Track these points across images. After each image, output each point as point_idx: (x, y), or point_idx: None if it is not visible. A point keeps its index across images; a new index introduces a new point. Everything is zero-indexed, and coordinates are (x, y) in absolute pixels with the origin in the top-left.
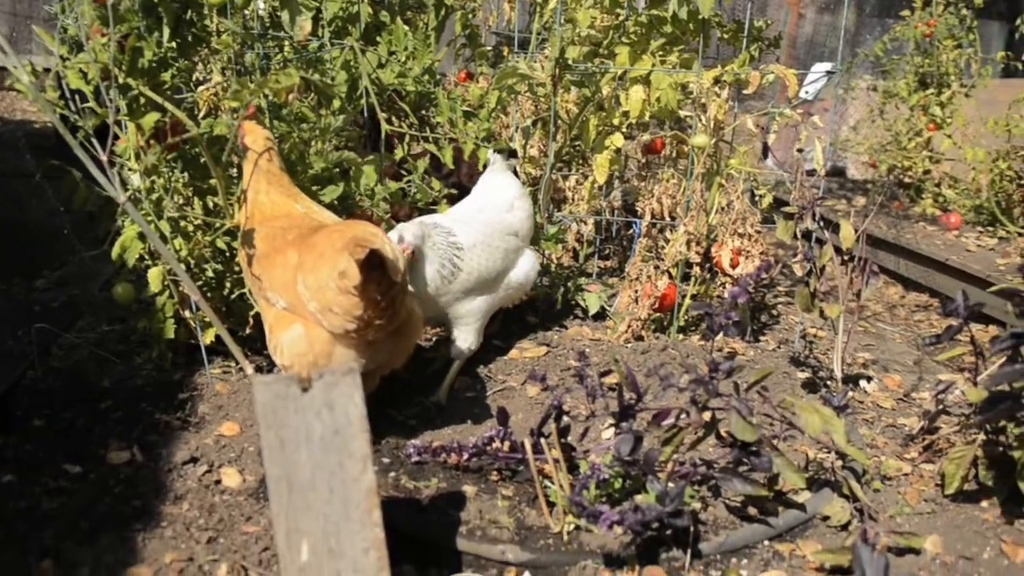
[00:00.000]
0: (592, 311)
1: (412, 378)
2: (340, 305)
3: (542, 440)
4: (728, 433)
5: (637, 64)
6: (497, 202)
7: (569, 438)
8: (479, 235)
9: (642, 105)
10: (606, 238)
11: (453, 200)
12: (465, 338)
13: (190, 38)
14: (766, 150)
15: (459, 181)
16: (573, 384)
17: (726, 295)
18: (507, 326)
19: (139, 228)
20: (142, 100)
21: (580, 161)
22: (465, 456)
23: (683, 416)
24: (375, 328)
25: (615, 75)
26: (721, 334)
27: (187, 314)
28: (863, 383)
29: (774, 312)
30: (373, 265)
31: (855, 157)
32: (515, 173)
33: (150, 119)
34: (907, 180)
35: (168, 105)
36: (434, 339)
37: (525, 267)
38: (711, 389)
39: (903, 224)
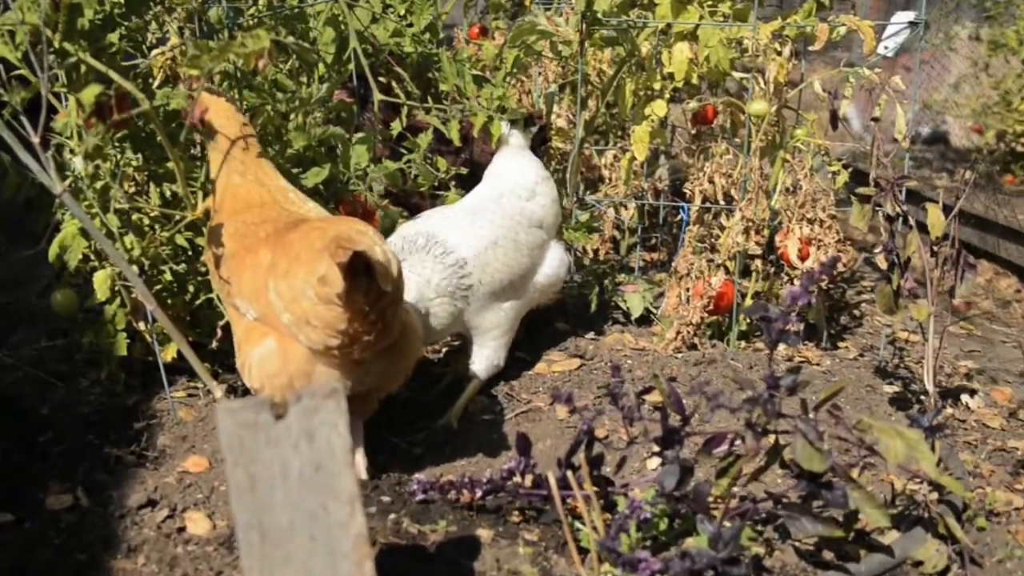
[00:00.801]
0: (635, 314)
1: (417, 397)
2: (320, 317)
3: (572, 473)
4: (795, 462)
5: (681, 16)
6: (516, 188)
7: (604, 469)
8: (501, 230)
9: (688, 66)
10: (650, 225)
11: (464, 182)
12: (488, 354)
13: None
14: (835, 119)
15: (470, 159)
16: (608, 404)
17: (784, 295)
18: (533, 335)
19: (81, 223)
20: (83, 68)
21: (618, 133)
22: (480, 493)
23: (740, 442)
24: (363, 345)
25: (655, 30)
26: (785, 342)
27: (142, 326)
28: (965, 398)
29: (856, 312)
30: (359, 270)
31: (958, 121)
32: (542, 143)
33: (91, 91)
34: (1020, 148)
35: (114, 74)
36: (444, 351)
37: (553, 263)
38: (770, 409)
39: (1017, 203)
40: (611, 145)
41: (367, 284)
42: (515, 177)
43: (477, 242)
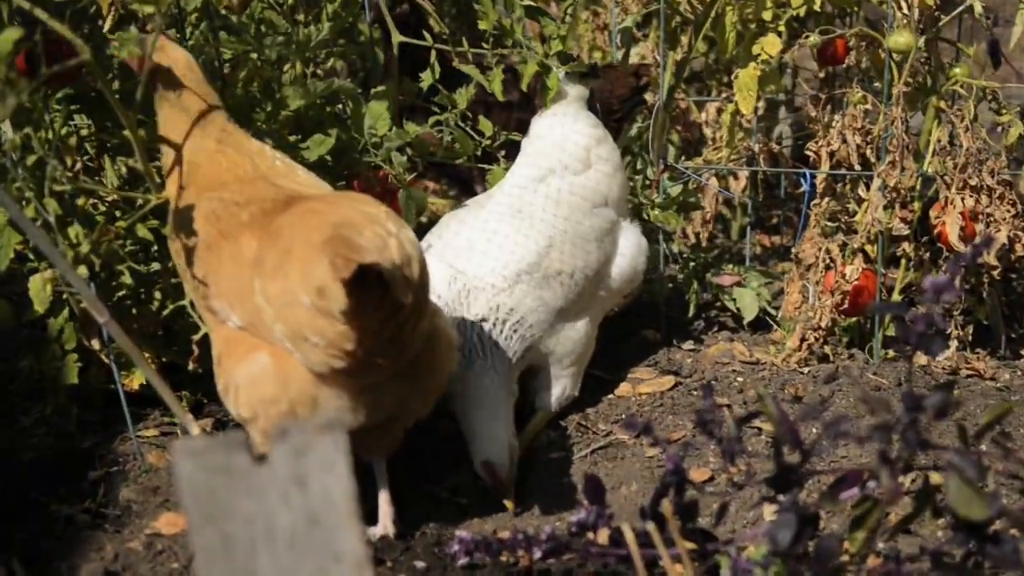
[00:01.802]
0: (747, 316)
1: (459, 428)
2: (320, 333)
3: (657, 526)
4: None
5: None
6: (564, 159)
7: (701, 520)
8: (555, 226)
9: None
10: (766, 199)
11: (515, 151)
12: (556, 384)
13: None
14: (996, 52)
15: (525, 119)
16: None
17: (926, 287)
18: (614, 346)
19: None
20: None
21: (722, 79)
22: (540, 554)
23: (875, 482)
24: (377, 367)
25: None
26: (926, 351)
27: (97, 345)
28: None
29: None
30: (370, 279)
31: None
32: (592, 100)
33: (8, 36)
34: None
35: (40, 12)
36: None
37: (627, 252)
38: (911, 438)
39: None
40: (714, 95)
41: (380, 296)
42: (561, 144)
43: (525, 255)
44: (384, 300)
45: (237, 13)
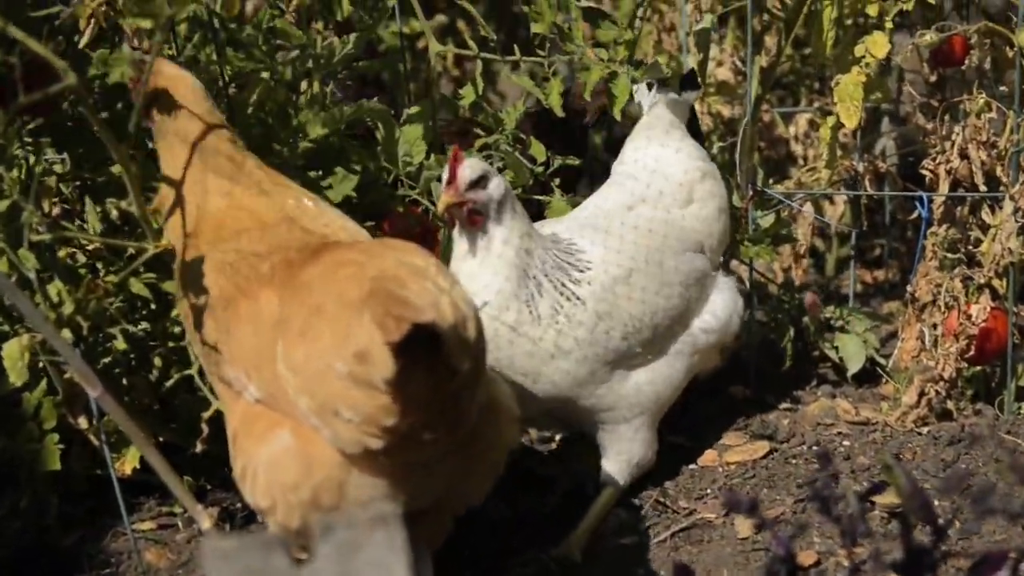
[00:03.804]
0: (852, 367)
1: (517, 511)
2: (355, 407)
3: None
4: None
5: None
6: (661, 190)
7: None
8: (633, 255)
9: None
10: (869, 227)
11: (572, 183)
12: (627, 449)
13: None
14: None
15: (580, 138)
16: (816, 513)
17: None
18: (696, 406)
19: None
20: None
21: (812, 87)
22: None
23: None
24: (423, 445)
25: None
26: None
27: (83, 423)
28: None
29: None
30: (420, 341)
31: None
32: (693, 121)
33: None
34: None
35: (15, 30)
36: (557, 437)
37: (718, 309)
38: None
39: None
40: (803, 105)
41: (431, 362)
42: (659, 172)
43: (602, 274)
44: (436, 367)
45: (248, 23)
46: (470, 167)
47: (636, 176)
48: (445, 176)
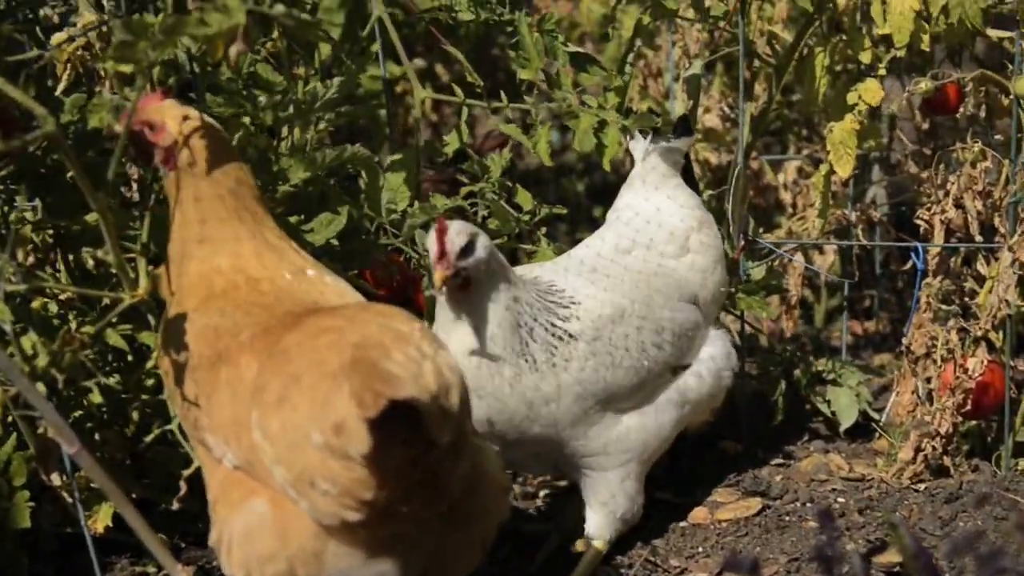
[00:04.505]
0: (845, 422)
1: (504, 571)
2: (332, 479)
3: None
4: None
5: None
6: (656, 238)
7: None
8: (626, 296)
9: (914, 22)
10: (861, 278)
11: (555, 235)
12: (607, 501)
13: None
14: None
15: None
16: (817, 574)
17: None
18: (685, 461)
19: None
20: None
21: (801, 134)
22: None
23: None
24: (400, 518)
25: None
26: None
27: (56, 480)
28: None
29: None
30: (399, 414)
31: None
32: (688, 168)
33: None
34: None
35: None
36: (543, 492)
37: (709, 362)
38: None
39: None
40: (792, 153)
41: (410, 434)
42: (655, 220)
43: (595, 310)
44: (415, 437)
45: (232, 68)
46: (457, 235)
47: (631, 223)
48: (434, 250)
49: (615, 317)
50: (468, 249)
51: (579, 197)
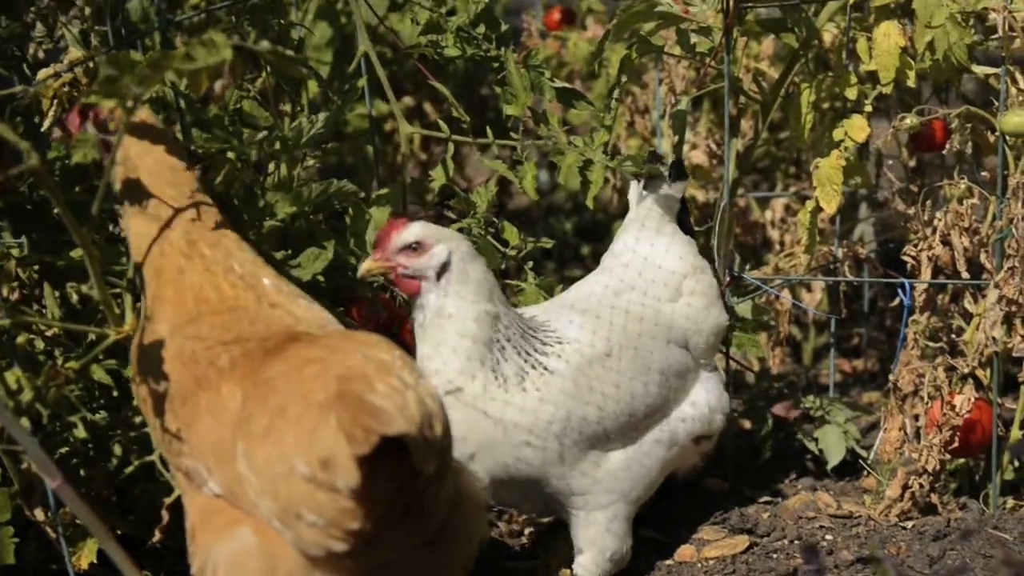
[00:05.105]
0: (832, 459)
1: None
2: (318, 510)
3: None
4: None
5: None
6: (649, 280)
7: None
8: (614, 337)
9: (900, 59)
10: (849, 316)
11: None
12: (596, 540)
13: None
14: None
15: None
16: None
17: None
18: (671, 498)
19: None
20: None
21: (788, 171)
22: None
23: None
24: (387, 545)
25: (844, 4)
26: None
27: (40, 515)
28: None
29: None
30: (386, 446)
31: None
32: (683, 212)
33: None
34: None
35: None
36: (527, 530)
37: (702, 404)
38: None
39: None
40: (779, 190)
41: (396, 465)
42: (651, 264)
43: (583, 350)
44: (401, 468)
45: (216, 102)
46: (407, 232)
47: (628, 266)
48: (377, 240)
49: (601, 358)
50: (416, 247)
51: (567, 236)
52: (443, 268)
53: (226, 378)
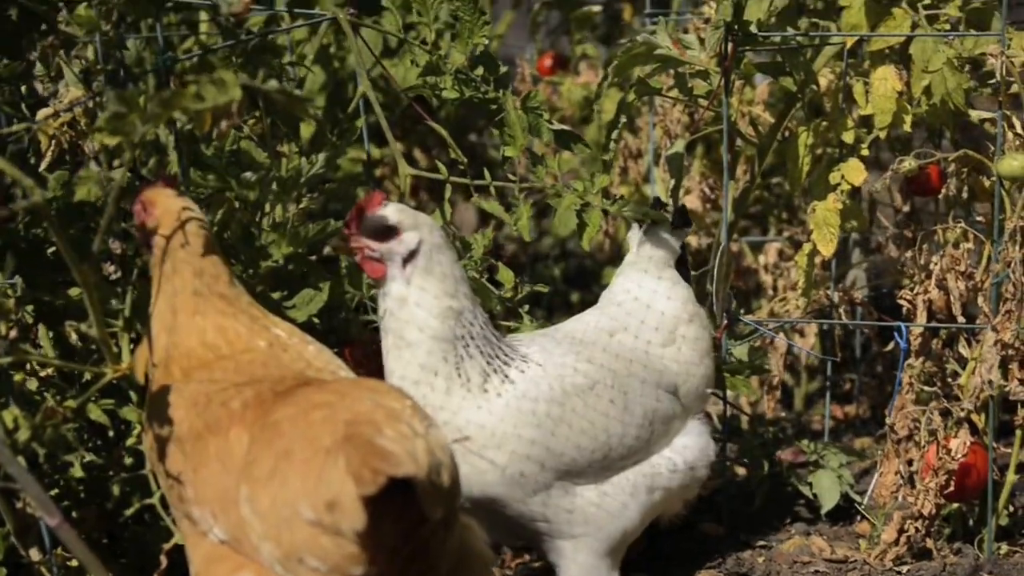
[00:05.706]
0: (827, 504)
1: None
2: (321, 555)
3: None
4: None
5: (883, 25)
6: (644, 323)
7: None
8: (600, 372)
9: (896, 103)
10: (842, 362)
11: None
12: (573, 573)
13: (16, 16)
14: None
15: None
16: None
17: None
18: (664, 543)
19: None
20: None
21: (781, 215)
22: None
23: None
24: None
25: (840, 49)
26: None
27: (35, 556)
28: None
29: None
30: (393, 490)
31: None
32: (683, 258)
33: None
34: None
35: None
36: (517, 568)
37: (687, 452)
38: None
39: None
40: (772, 235)
41: (403, 508)
42: (647, 306)
43: (557, 371)
44: (407, 513)
45: (219, 140)
46: (383, 214)
47: (623, 306)
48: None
49: (583, 390)
50: (388, 232)
51: (556, 281)
52: (410, 256)
53: (236, 421)
